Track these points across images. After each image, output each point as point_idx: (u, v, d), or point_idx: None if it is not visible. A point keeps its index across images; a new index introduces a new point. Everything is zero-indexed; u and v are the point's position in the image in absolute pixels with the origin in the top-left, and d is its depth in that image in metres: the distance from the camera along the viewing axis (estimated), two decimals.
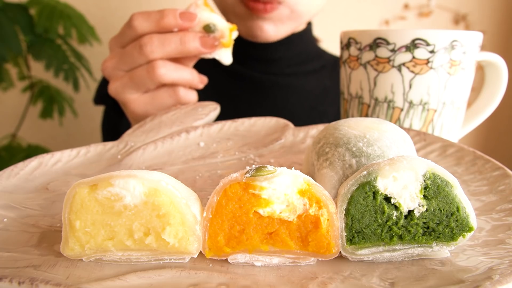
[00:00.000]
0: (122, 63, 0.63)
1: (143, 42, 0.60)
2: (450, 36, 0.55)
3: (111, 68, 0.65)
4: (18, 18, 1.14)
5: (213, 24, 0.61)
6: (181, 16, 0.60)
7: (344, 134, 0.38)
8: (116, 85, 0.65)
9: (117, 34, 0.65)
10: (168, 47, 0.60)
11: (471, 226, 0.31)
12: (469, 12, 1.66)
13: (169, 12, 0.60)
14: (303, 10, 0.78)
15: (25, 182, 0.45)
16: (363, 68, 0.60)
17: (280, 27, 0.80)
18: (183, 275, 0.30)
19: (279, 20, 0.78)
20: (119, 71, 0.65)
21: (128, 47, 0.62)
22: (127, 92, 0.65)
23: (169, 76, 0.62)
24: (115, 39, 0.65)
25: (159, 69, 0.60)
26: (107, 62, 0.65)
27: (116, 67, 0.64)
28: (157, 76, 0.61)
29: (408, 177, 0.31)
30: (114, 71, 0.65)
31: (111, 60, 0.65)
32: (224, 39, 0.62)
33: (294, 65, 0.94)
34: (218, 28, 0.61)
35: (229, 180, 0.31)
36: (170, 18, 0.60)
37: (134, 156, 0.52)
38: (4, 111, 1.50)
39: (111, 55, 0.65)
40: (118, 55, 0.64)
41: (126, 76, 0.64)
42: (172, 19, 0.60)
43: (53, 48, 1.19)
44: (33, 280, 0.28)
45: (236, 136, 0.58)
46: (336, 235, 0.31)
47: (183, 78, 0.63)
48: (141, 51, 0.60)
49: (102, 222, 0.31)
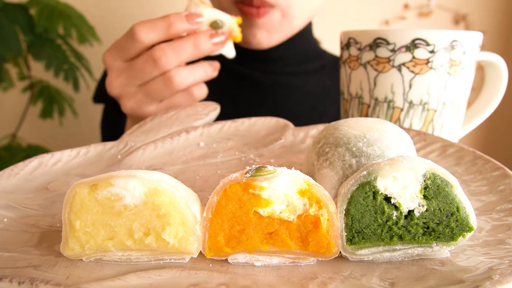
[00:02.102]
0: (133, 79, 0.61)
1: (157, 55, 0.58)
2: (450, 36, 0.55)
3: (120, 87, 0.62)
4: (18, 18, 1.14)
5: (220, 20, 0.61)
6: (187, 19, 0.58)
7: (344, 134, 0.38)
8: (131, 103, 0.63)
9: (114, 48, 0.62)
10: (183, 55, 0.59)
11: (471, 226, 0.31)
12: (469, 12, 1.66)
13: (175, 17, 0.58)
14: (294, 14, 0.78)
15: (25, 182, 0.45)
16: (363, 68, 0.60)
17: (273, 34, 0.80)
18: (183, 275, 0.30)
19: (272, 26, 0.78)
20: (130, 88, 0.62)
21: (138, 62, 0.59)
22: (144, 107, 0.63)
23: (186, 83, 0.61)
24: (113, 54, 0.62)
25: (176, 80, 0.59)
26: (113, 81, 0.62)
27: (127, 84, 0.62)
28: (175, 86, 0.60)
29: (408, 177, 0.31)
30: (125, 89, 0.62)
31: (118, 78, 0.62)
32: (235, 33, 0.62)
33: (294, 64, 0.94)
34: (225, 23, 0.61)
35: (229, 180, 0.31)
36: (178, 24, 0.58)
37: (134, 156, 0.52)
38: (4, 111, 1.50)
39: (115, 72, 0.62)
40: (127, 72, 0.61)
41: (140, 91, 0.62)
42: (180, 24, 0.58)
43: (53, 48, 1.19)
44: (33, 280, 0.28)
45: (236, 136, 0.58)
46: (336, 235, 0.31)
47: (199, 78, 0.62)
48: (155, 64, 0.58)
49: (102, 222, 0.31)
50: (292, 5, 0.76)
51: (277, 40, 0.82)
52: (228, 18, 0.62)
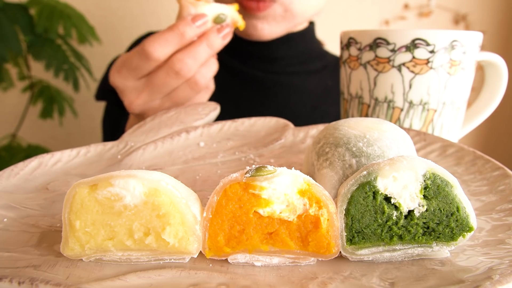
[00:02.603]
0: (157, 94, 0.62)
1: (178, 67, 0.59)
2: (450, 36, 0.55)
3: (143, 104, 0.63)
4: (18, 18, 1.14)
5: (222, 14, 0.62)
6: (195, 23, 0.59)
7: (344, 134, 0.38)
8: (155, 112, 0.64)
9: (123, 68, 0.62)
10: (201, 58, 0.60)
11: (471, 226, 0.31)
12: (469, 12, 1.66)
13: (184, 26, 0.59)
14: (297, 9, 0.78)
15: (25, 182, 0.45)
16: (363, 68, 0.60)
17: (274, 26, 0.80)
18: (183, 275, 0.30)
19: (273, 19, 0.78)
20: (155, 102, 0.64)
21: (160, 77, 0.60)
22: None
23: (209, 80, 0.63)
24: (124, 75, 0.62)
25: (200, 82, 0.62)
26: (135, 101, 0.63)
27: (150, 99, 0.63)
28: (201, 87, 0.62)
29: (408, 177, 0.31)
30: (149, 104, 0.64)
31: (140, 97, 0.63)
32: (239, 22, 0.64)
33: (295, 64, 0.94)
34: (227, 15, 0.62)
35: (229, 180, 0.31)
36: (189, 31, 0.59)
37: (134, 156, 0.52)
38: (4, 111, 1.50)
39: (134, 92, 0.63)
40: (148, 88, 0.62)
41: (166, 101, 0.64)
42: (191, 31, 0.59)
43: (53, 48, 1.19)
44: (33, 280, 0.28)
45: (236, 136, 0.58)
46: (336, 235, 0.31)
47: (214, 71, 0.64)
48: (178, 76, 0.60)
49: (102, 222, 0.31)
50: (293, 1, 0.76)
51: (278, 32, 0.82)
52: (228, 9, 0.63)
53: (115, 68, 0.63)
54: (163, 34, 0.59)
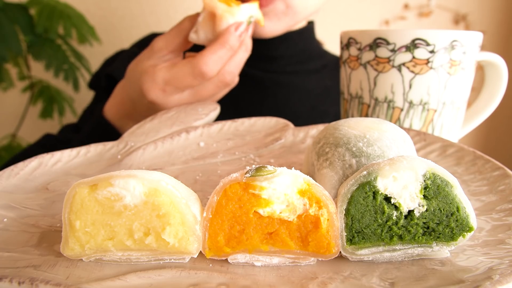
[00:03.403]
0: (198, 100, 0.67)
1: (229, 80, 0.64)
2: (450, 36, 0.55)
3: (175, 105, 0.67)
4: (18, 18, 1.14)
5: (250, 16, 0.65)
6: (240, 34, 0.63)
7: (344, 134, 0.38)
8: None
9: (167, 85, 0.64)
10: (242, 63, 0.65)
11: (471, 226, 0.31)
12: (469, 12, 1.66)
13: (233, 40, 0.62)
14: (299, 6, 0.78)
15: (25, 182, 0.45)
16: (363, 68, 0.60)
17: (276, 24, 0.80)
18: (183, 275, 0.30)
19: (275, 15, 0.78)
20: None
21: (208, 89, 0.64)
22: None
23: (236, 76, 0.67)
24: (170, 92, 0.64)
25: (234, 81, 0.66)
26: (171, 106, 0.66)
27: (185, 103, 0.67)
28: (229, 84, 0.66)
29: (408, 177, 0.31)
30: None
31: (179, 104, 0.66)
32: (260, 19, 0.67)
33: (295, 63, 0.94)
34: (254, 16, 0.66)
35: (229, 180, 0.31)
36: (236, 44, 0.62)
37: (134, 156, 0.52)
38: (4, 111, 1.50)
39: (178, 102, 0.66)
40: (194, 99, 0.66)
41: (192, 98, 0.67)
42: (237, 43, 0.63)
43: (53, 48, 1.19)
44: (33, 280, 0.28)
45: (236, 136, 0.58)
46: (336, 235, 0.31)
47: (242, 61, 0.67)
48: (228, 86, 0.66)
49: (102, 222, 0.31)
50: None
51: (279, 30, 0.82)
52: (254, 9, 0.65)
53: (157, 87, 0.64)
54: (216, 52, 0.61)
